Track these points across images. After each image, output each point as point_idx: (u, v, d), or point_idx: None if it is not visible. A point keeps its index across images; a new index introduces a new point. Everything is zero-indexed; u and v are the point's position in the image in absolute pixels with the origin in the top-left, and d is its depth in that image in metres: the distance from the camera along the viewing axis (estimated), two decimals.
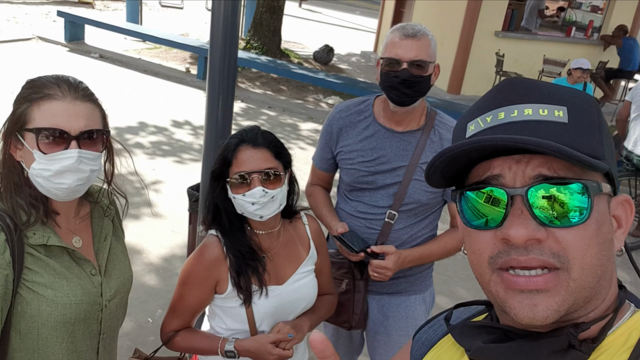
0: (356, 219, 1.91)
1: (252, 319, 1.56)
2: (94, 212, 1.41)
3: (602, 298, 0.65)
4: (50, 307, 1.22)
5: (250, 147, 1.49)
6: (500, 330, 0.69)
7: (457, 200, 0.70)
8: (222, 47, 2.30)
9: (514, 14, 10.04)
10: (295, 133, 6.90)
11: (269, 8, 9.97)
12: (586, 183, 0.61)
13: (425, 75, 1.74)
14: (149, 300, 3.33)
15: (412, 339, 0.91)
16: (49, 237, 1.24)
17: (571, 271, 0.61)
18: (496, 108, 0.67)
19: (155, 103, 7.18)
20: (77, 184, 1.22)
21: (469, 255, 0.70)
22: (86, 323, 1.31)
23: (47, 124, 1.18)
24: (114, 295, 1.38)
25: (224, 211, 1.56)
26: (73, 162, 1.19)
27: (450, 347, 0.80)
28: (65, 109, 1.19)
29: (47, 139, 1.18)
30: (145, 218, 4.28)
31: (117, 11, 13.25)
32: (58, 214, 1.29)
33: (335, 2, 22.44)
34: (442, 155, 0.65)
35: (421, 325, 0.90)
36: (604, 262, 0.62)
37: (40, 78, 1.24)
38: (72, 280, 1.27)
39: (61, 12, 9.54)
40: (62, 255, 1.28)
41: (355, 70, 11.08)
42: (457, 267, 4.16)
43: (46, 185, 1.21)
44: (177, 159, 5.54)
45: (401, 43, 1.72)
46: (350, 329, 1.96)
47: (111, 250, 1.41)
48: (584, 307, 0.64)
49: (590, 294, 0.63)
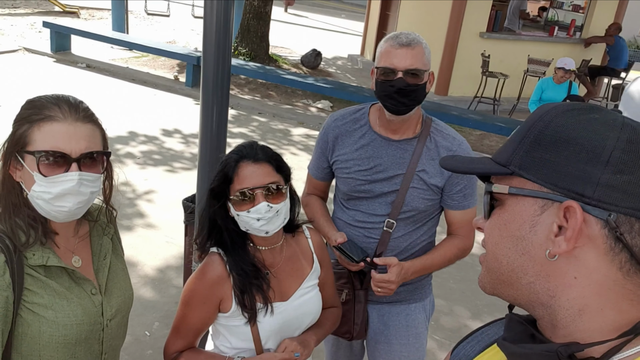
0: (354, 228, 1.91)
1: (258, 337, 1.54)
2: (92, 231, 1.40)
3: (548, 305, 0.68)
4: (51, 328, 1.22)
5: (251, 163, 1.47)
6: (529, 329, 0.72)
7: None
8: (215, 56, 2.31)
9: (498, 15, 10.14)
10: (287, 139, 6.91)
11: (256, 14, 9.97)
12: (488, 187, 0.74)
13: (420, 83, 1.76)
14: (145, 313, 3.31)
15: (450, 354, 0.92)
16: (49, 258, 1.23)
17: (486, 254, 0.75)
18: None
19: (145, 112, 7.15)
20: (77, 207, 1.21)
21: None
22: (88, 343, 1.30)
23: (48, 147, 1.17)
24: (115, 314, 1.37)
25: (225, 229, 1.53)
26: (74, 185, 1.18)
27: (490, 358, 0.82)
28: (66, 131, 1.19)
29: (47, 161, 1.17)
30: (139, 229, 4.26)
31: (103, 20, 13.17)
32: (57, 234, 1.28)
33: (320, 6, 22.48)
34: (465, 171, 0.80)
35: (459, 341, 0.92)
36: (510, 255, 0.70)
37: (40, 98, 1.24)
38: (72, 300, 1.26)
39: (47, 23, 9.47)
40: (61, 275, 1.27)
41: (343, 73, 11.11)
42: (452, 268, 4.18)
43: (46, 207, 1.20)
44: (169, 168, 5.52)
45: (396, 52, 1.73)
46: (351, 339, 1.96)
47: (111, 268, 1.40)
48: (530, 305, 0.71)
49: (506, 280, 0.71)
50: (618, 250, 0.62)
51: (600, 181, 0.62)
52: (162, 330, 3.19)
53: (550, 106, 0.71)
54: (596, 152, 0.63)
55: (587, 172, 0.63)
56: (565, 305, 0.66)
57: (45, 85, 7.55)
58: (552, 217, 0.65)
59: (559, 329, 0.67)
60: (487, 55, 8.79)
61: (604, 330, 0.65)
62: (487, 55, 8.79)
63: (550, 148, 0.66)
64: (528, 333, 0.71)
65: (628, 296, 0.63)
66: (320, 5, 22.72)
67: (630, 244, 0.61)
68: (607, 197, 0.62)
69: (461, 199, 1.86)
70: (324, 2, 23.71)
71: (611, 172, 0.61)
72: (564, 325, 0.67)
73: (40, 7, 13.71)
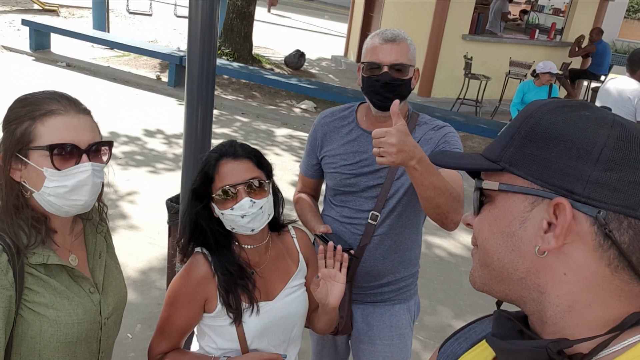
0: (341, 224, 1.92)
1: (243, 337, 1.53)
2: (86, 229, 1.39)
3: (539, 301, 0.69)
4: (52, 328, 1.20)
5: (231, 160, 1.47)
6: (517, 325, 0.72)
7: None
8: (200, 55, 2.28)
9: (480, 17, 10.25)
10: (270, 139, 6.89)
11: (240, 14, 9.93)
12: (478, 183, 0.74)
13: (405, 78, 1.78)
14: (127, 315, 3.21)
15: (438, 351, 0.92)
16: (49, 256, 1.21)
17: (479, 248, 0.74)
18: None
19: (126, 112, 7.07)
20: (91, 199, 1.22)
21: None
22: (87, 342, 1.29)
23: (57, 140, 1.16)
24: (112, 312, 1.36)
25: (209, 230, 1.53)
26: (88, 175, 1.18)
27: (475, 357, 0.82)
28: (71, 123, 1.18)
29: (61, 155, 1.16)
30: (121, 230, 4.20)
31: (83, 18, 13.00)
32: (55, 232, 1.27)
33: (303, 7, 22.49)
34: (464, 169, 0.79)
35: (447, 338, 0.92)
36: (500, 250, 0.70)
37: (34, 94, 1.22)
38: (73, 299, 1.25)
39: (26, 21, 9.31)
40: (61, 274, 1.26)
41: (326, 74, 11.12)
42: (436, 269, 4.21)
43: (60, 203, 1.18)
44: (152, 169, 5.46)
45: (381, 47, 1.76)
46: (336, 334, 1.95)
47: (106, 267, 1.39)
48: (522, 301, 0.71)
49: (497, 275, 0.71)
50: (607, 247, 0.63)
51: (590, 178, 0.62)
52: (144, 332, 3.15)
53: (541, 102, 0.71)
54: (587, 150, 0.63)
55: (577, 169, 0.63)
56: (555, 301, 0.67)
57: (24, 84, 7.42)
58: (541, 214, 0.66)
59: (548, 325, 0.68)
60: (470, 57, 8.88)
61: (592, 326, 0.65)
62: (470, 57, 8.88)
63: (541, 145, 0.67)
64: (516, 329, 0.72)
65: (616, 292, 0.64)
66: (303, 6, 22.73)
67: (618, 240, 0.62)
68: (596, 194, 0.62)
69: None
70: (307, 3, 23.73)
71: (601, 169, 0.62)
72: (553, 322, 0.67)
73: (19, 4, 13.49)
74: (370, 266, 1.92)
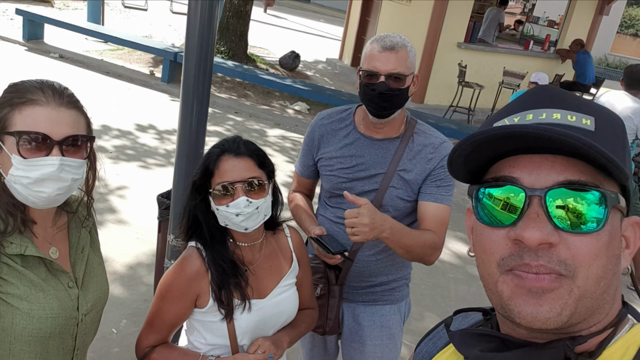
0: (336, 224, 1.92)
1: (234, 333, 1.53)
2: (71, 223, 1.36)
3: (604, 313, 0.66)
4: (24, 321, 1.17)
5: (232, 157, 1.46)
6: (499, 339, 0.69)
7: (473, 196, 0.69)
8: (197, 53, 2.27)
9: (476, 26, 10.31)
10: (263, 139, 6.87)
11: (236, 12, 9.91)
12: (605, 192, 0.61)
13: (402, 87, 1.77)
14: (113, 310, 3.24)
15: (414, 352, 0.91)
16: (27, 247, 1.19)
17: (576, 279, 0.60)
18: (525, 110, 0.67)
19: (119, 106, 7.02)
20: (57, 193, 1.17)
21: (479, 254, 0.69)
22: (61, 338, 1.26)
23: (29, 129, 1.13)
24: (91, 309, 1.33)
25: (205, 224, 1.52)
26: (54, 170, 1.14)
27: (449, 357, 0.81)
28: (48, 115, 1.15)
29: (28, 144, 1.13)
30: (109, 225, 4.17)
31: (78, 10, 12.89)
32: (35, 223, 1.24)
33: (300, 9, 22.49)
34: (467, 140, 0.65)
35: (421, 338, 0.91)
36: (609, 276, 0.63)
37: (24, 82, 1.20)
38: (48, 292, 1.22)
39: (19, 10, 9.20)
40: (38, 266, 1.23)
41: (321, 77, 11.12)
42: (424, 274, 4.23)
43: (24, 192, 1.15)
44: (142, 164, 5.42)
45: (379, 56, 1.74)
46: (324, 334, 1.96)
47: (88, 262, 1.36)
48: (586, 321, 0.64)
49: (593, 305, 0.63)
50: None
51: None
52: (129, 328, 3.12)
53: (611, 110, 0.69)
54: None
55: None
56: (612, 313, 0.68)
57: (16, 73, 7.33)
58: (620, 229, 0.65)
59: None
60: (464, 65, 8.92)
61: (604, 324, 0.66)
62: (464, 65, 8.92)
63: (630, 156, 0.67)
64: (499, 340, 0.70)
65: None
66: (300, 7, 22.73)
67: None
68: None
69: (438, 190, 1.81)
70: (303, 5, 23.74)
71: None
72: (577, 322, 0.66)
73: None
74: (363, 267, 1.92)
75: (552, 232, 0.60)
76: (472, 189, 0.70)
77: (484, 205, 0.67)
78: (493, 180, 0.66)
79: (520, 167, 0.64)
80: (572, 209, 0.60)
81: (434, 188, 1.83)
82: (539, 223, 0.60)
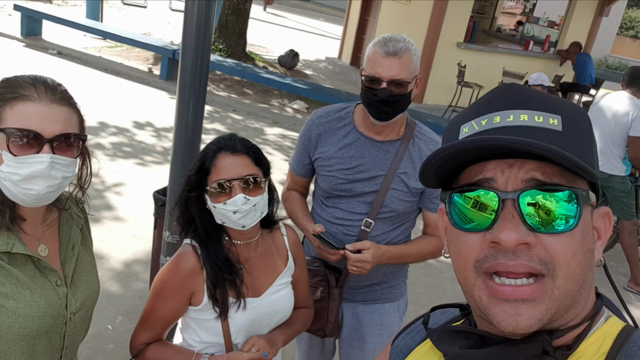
0: (333, 224, 1.91)
1: (228, 332, 1.52)
2: (61, 220, 1.34)
3: (581, 307, 0.67)
4: (10, 319, 1.15)
5: (229, 154, 1.45)
6: (477, 335, 0.70)
7: (446, 202, 0.70)
8: (194, 49, 2.26)
9: (476, 25, 10.31)
10: (261, 137, 6.86)
11: (235, 10, 9.89)
12: (576, 191, 0.62)
13: (405, 93, 1.75)
14: (108, 306, 3.23)
15: (391, 345, 0.91)
16: (14, 244, 1.17)
17: (556, 278, 0.61)
18: (492, 112, 0.68)
19: (116, 103, 7.00)
20: (46, 191, 1.15)
21: (454, 258, 0.69)
22: (48, 337, 1.24)
23: (20, 125, 1.11)
24: (80, 307, 1.31)
25: (200, 221, 1.51)
26: (44, 167, 1.12)
27: (428, 352, 0.81)
28: (39, 112, 1.13)
29: (18, 141, 1.11)
30: (106, 222, 4.15)
31: (76, 7, 12.86)
32: (24, 220, 1.22)
33: (299, 7, 22.47)
34: (438, 153, 0.65)
35: (398, 332, 0.90)
36: (585, 272, 0.64)
37: (16, 77, 1.18)
38: (35, 290, 1.20)
39: (18, 6, 9.17)
40: (26, 264, 1.21)
41: (319, 75, 11.11)
42: (420, 273, 4.22)
43: (14, 190, 1.14)
44: (139, 161, 5.40)
45: (382, 61, 1.71)
46: (324, 336, 1.95)
47: (79, 260, 1.34)
48: (563, 316, 0.65)
49: (571, 302, 0.64)
50: None
51: None
52: (125, 324, 3.11)
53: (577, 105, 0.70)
54: None
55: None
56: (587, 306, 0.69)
57: (13, 69, 7.31)
58: (591, 222, 0.66)
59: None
60: (464, 65, 8.92)
61: (581, 317, 0.67)
62: (464, 65, 8.92)
63: (596, 150, 0.68)
64: (476, 337, 0.71)
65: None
66: (299, 6, 22.71)
67: None
68: None
69: (439, 200, 1.84)
70: (303, 4, 23.72)
71: None
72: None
73: None
74: None
75: (528, 232, 0.61)
76: (445, 194, 0.71)
77: (458, 211, 0.68)
78: (466, 185, 0.67)
79: (492, 171, 0.65)
80: (545, 209, 0.61)
81: (436, 199, 1.87)
82: (515, 224, 0.61)
